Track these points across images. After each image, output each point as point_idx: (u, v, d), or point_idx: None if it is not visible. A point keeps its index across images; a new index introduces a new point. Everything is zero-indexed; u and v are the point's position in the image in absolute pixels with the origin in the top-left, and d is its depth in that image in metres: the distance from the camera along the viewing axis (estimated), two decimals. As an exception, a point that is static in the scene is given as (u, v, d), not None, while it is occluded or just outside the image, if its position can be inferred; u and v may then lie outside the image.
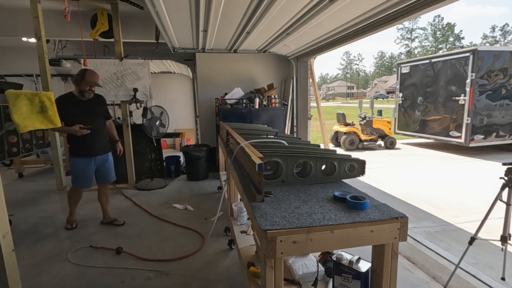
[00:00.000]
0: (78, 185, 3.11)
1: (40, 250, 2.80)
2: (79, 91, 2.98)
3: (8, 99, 2.63)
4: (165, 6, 3.03)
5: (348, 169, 1.70)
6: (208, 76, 5.56)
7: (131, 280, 2.31)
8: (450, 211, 3.76)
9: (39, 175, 5.67)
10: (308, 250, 1.14)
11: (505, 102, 7.01)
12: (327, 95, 70.79)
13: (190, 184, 4.94)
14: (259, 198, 1.38)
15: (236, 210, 2.63)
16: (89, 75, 2.97)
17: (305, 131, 5.79)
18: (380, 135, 8.60)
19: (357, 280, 1.42)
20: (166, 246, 2.85)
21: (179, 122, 8.37)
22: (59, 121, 2.20)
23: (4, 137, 3.74)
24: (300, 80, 5.62)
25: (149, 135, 4.06)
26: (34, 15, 3.94)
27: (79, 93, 2.98)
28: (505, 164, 2.13)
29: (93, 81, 2.99)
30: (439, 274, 2.36)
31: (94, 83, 3.00)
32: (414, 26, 59.81)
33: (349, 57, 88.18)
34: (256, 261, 1.91)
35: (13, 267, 1.76)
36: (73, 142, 2.99)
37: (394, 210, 1.26)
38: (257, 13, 3.21)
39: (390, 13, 2.92)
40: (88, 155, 3.05)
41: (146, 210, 3.76)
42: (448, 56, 7.28)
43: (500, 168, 2.12)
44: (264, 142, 1.94)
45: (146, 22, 5.15)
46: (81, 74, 2.95)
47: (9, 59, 6.68)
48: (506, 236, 2.14)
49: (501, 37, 50.64)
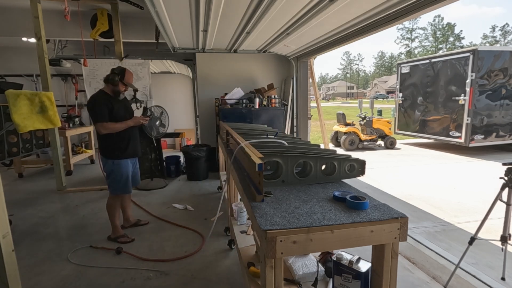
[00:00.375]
0: (124, 190, 2.91)
1: (40, 250, 2.80)
2: (114, 91, 2.82)
3: (8, 99, 2.64)
4: (165, 6, 3.03)
5: (348, 169, 1.70)
6: (208, 76, 5.56)
7: (131, 280, 2.31)
8: (450, 211, 3.76)
9: (39, 175, 5.67)
10: (308, 250, 1.14)
11: (505, 102, 7.01)
12: (327, 95, 70.80)
13: (190, 184, 4.94)
14: (259, 198, 1.38)
15: (236, 210, 2.63)
16: (128, 76, 2.85)
17: (305, 131, 5.79)
18: (380, 135, 8.60)
19: (357, 280, 1.42)
20: (166, 246, 2.85)
21: (179, 122, 8.37)
22: (59, 121, 2.19)
23: (4, 137, 3.74)
24: (300, 80, 5.62)
25: (149, 135, 4.06)
26: (34, 15, 3.95)
27: (114, 92, 2.83)
28: (505, 164, 2.13)
29: (131, 83, 2.89)
30: (439, 274, 2.36)
31: (132, 84, 2.91)
32: (414, 26, 59.88)
33: (349, 57, 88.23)
34: (256, 261, 1.91)
35: (13, 267, 1.76)
36: (117, 144, 2.80)
37: (394, 210, 1.26)
38: (257, 13, 3.21)
39: (390, 13, 2.92)
40: (133, 156, 2.95)
41: (146, 210, 3.76)
42: (448, 56, 7.28)
43: (500, 168, 2.11)
44: (264, 142, 1.94)
45: (146, 22, 5.15)
46: (119, 74, 2.80)
47: (9, 59, 6.68)
48: (506, 236, 2.14)
49: (501, 37, 50.67)
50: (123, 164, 2.84)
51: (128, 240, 2.93)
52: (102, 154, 2.83)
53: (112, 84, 2.79)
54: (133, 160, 3.03)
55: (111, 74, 2.80)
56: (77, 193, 4.52)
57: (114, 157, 2.80)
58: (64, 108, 7.13)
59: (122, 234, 2.97)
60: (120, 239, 2.92)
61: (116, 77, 2.77)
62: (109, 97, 2.78)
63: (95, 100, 2.71)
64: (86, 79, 4.98)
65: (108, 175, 2.86)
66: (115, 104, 2.77)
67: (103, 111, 2.68)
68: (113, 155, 2.80)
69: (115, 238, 2.93)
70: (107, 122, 2.70)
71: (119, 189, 2.88)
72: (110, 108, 2.72)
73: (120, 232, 2.98)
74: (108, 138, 2.76)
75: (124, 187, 2.90)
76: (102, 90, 2.83)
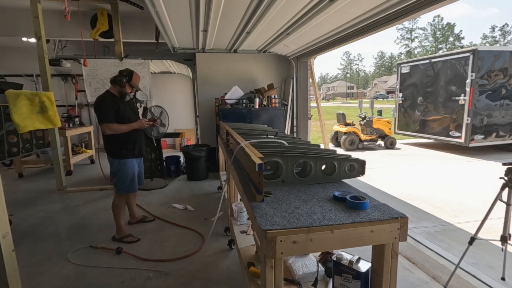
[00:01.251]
0: (130, 189, 2.93)
1: (40, 250, 2.80)
2: (121, 92, 2.84)
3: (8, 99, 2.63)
4: (165, 6, 3.03)
5: (348, 169, 1.70)
6: (208, 76, 5.56)
7: (131, 280, 2.31)
8: (450, 211, 3.76)
9: (39, 175, 5.67)
10: (308, 250, 1.14)
11: (505, 102, 7.01)
12: (327, 95, 70.80)
13: (190, 184, 4.94)
14: (259, 198, 1.38)
15: (236, 210, 2.63)
16: (136, 78, 2.87)
17: (305, 131, 5.79)
18: (380, 135, 8.60)
19: (357, 280, 1.42)
20: (166, 246, 2.85)
21: (179, 122, 8.37)
22: (59, 121, 2.18)
23: (4, 137, 3.74)
24: (300, 80, 5.62)
25: (149, 135, 4.06)
26: (34, 15, 3.95)
27: (120, 93, 2.84)
28: (505, 164, 2.13)
29: (137, 85, 2.91)
30: (439, 274, 2.36)
31: (138, 86, 2.93)
32: (414, 26, 59.84)
33: (349, 57, 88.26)
34: (256, 261, 1.91)
35: (13, 267, 1.76)
36: (124, 144, 2.82)
37: (394, 210, 1.26)
38: (257, 13, 3.21)
39: (390, 13, 2.92)
40: (138, 156, 2.98)
41: (146, 210, 3.76)
42: (448, 56, 7.28)
43: (500, 168, 2.11)
44: (264, 142, 1.94)
45: (146, 22, 5.16)
46: (127, 76, 2.81)
47: (9, 59, 6.69)
48: (506, 236, 2.14)
49: (501, 37, 50.66)
50: (129, 164, 2.87)
51: (134, 240, 2.93)
52: (109, 154, 2.84)
53: (119, 86, 2.81)
54: (138, 160, 3.05)
55: (119, 75, 2.82)
56: (77, 193, 4.52)
57: (121, 156, 2.82)
58: (64, 108, 7.14)
59: (128, 234, 2.97)
60: (126, 239, 2.91)
61: (124, 79, 2.79)
62: (115, 98, 2.80)
63: (102, 101, 2.73)
64: (86, 79, 4.98)
65: (114, 174, 2.88)
66: (121, 105, 2.80)
67: (109, 112, 2.71)
68: (119, 155, 2.82)
69: (120, 238, 2.92)
70: (112, 123, 2.73)
71: (125, 188, 2.90)
72: (117, 109, 2.75)
73: (126, 232, 2.97)
74: (115, 139, 2.78)
75: (130, 186, 2.92)
76: (108, 91, 2.85)
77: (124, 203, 3.03)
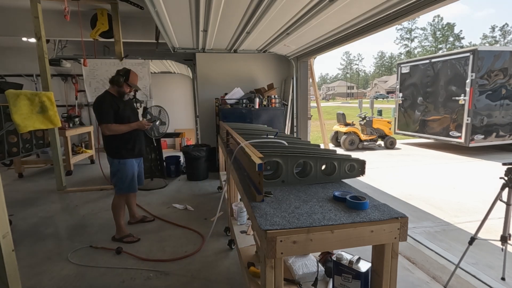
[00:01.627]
0: (130, 189, 2.92)
1: (40, 250, 2.80)
2: (119, 92, 2.83)
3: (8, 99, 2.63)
4: (165, 6, 3.03)
5: (348, 169, 1.70)
6: (208, 76, 5.56)
7: (131, 280, 2.31)
8: (450, 211, 3.76)
9: (39, 175, 5.67)
10: (308, 250, 1.14)
11: (505, 102, 7.01)
12: (327, 95, 70.79)
13: (190, 184, 4.94)
14: (259, 198, 1.38)
15: (236, 210, 2.63)
16: (133, 77, 2.86)
17: (305, 131, 5.79)
18: (380, 135, 8.60)
19: (357, 280, 1.42)
20: (166, 246, 2.84)
21: (179, 122, 8.37)
22: (59, 121, 2.18)
23: (4, 137, 3.74)
24: (300, 80, 5.62)
25: (149, 135, 4.06)
26: (34, 15, 3.95)
27: (119, 93, 2.84)
28: (505, 164, 2.13)
29: (135, 84, 2.90)
30: (439, 274, 2.36)
31: (136, 85, 2.91)
32: (414, 26, 59.82)
33: (349, 57, 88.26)
34: (256, 261, 1.91)
35: (13, 267, 1.76)
36: (123, 144, 2.82)
37: (394, 210, 1.26)
38: (257, 13, 3.21)
39: (390, 13, 2.92)
40: (138, 156, 2.98)
41: (146, 210, 3.76)
42: (448, 56, 7.28)
43: (500, 168, 2.11)
44: (264, 142, 1.94)
45: (146, 22, 5.15)
46: (124, 75, 2.80)
47: (9, 59, 6.69)
48: (506, 236, 2.14)
49: (501, 37, 50.66)
50: (128, 164, 2.86)
51: (134, 240, 2.93)
52: (109, 154, 2.84)
53: (117, 85, 2.81)
54: (138, 160, 3.05)
55: (116, 75, 2.82)
56: (77, 193, 4.52)
57: (120, 156, 2.82)
58: (64, 108, 7.14)
59: (128, 234, 2.97)
60: (126, 239, 2.91)
61: (121, 78, 2.79)
62: (114, 98, 2.80)
63: (101, 102, 2.73)
64: (86, 79, 4.98)
65: (113, 174, 2.87)
66: (120, 105, 2.79)
67: (108, 112, 2.71)
68: (119, 155, 2.82)
69: (120, 239, 2.92)
70: (111, 123, 2.72)
71: (125, 188, 2.89)
72: (116, 109, 2.74)
73: (126, 232, 2.97)
74: (115, 139, 2.78)
75: (130, 186, 2.91)
76: (107, 91, 2.84)
77: (124, 203, 3.03)
